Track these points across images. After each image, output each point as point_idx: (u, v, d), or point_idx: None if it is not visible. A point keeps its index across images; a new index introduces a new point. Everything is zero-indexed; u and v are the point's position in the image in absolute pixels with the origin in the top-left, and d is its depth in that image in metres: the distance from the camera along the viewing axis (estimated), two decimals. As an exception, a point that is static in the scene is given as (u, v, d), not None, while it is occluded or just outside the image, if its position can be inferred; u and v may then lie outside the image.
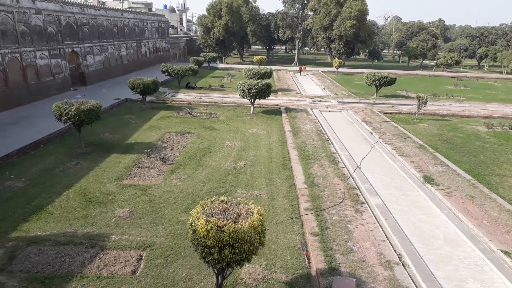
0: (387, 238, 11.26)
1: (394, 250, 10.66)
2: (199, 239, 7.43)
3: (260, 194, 14.15)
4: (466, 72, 72.72)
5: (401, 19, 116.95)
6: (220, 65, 67.60)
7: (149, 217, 12.33)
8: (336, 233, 11.37)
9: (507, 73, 61.98)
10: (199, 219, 7.53)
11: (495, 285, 9.58)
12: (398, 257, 10.32)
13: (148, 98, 30.15)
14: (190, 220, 7.77)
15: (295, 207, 13.15)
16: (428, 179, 15.83)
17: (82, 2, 39.79)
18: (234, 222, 7.58)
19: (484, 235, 11.53)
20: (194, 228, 7.59)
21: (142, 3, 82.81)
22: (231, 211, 7.96)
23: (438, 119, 28.49)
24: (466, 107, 33.36)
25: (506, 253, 10.58)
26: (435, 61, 76.13)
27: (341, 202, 13.56)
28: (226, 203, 8.27)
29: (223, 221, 7.50)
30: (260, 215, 7.93)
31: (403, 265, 10.02)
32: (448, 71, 68.79)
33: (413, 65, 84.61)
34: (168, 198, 13.68)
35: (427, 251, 10.91)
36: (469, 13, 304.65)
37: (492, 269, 10.12)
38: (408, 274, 9.68)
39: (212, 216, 7.64)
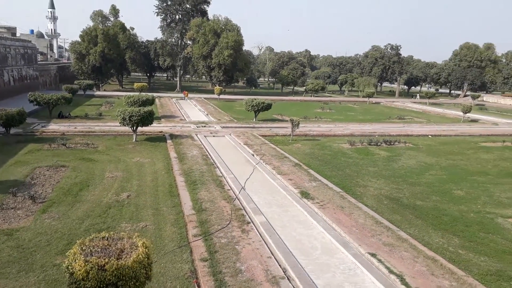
0: (272, 254, 11.88)
1: (279, 265, 11.28)
2: (78, 282, 6.87)
3: (146, 226, 13.65)
4: (331, 96, 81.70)
5: (273, 49, 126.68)
6: (98, 93, 63.95)
7: (17, 264, 10.88)
8: (225, 256, 11.57)
9: (363, 96, 71.53)
10: (77, 260, 6.98)
11: (366, 285, 10.78)
12: (283, 271, 10.94)
13: (13, 130, 26.91)
14: (66, 262, 7.15)
15: (183, 235, 13.01)
16: (305, 194, 17.23)
17: None
18: (117, 259, 7.22)
19: (354, 241, 12.97)
20: (71, 271, 6.99)
21: (4, 27, 74.33)
22: (114, 247, 7.56)
23: (310, 139, 31.33)
24: (332, 127, 37.43)
25: (372, 255, 12.02)
26: (304, 87, 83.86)
27: (228, 224, 13.87)
28: (107, 239, 7.83)
29: (105, 259, 7.08)
30: (146, 247, 7.70)
31: (288, 278, 10.64)
32: (316, 96, 76.42)
33: (286, 91, 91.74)
34: (40, 241, 12.26)
35: (308, 262, 11.80)
36: (330, 45, 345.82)
37: (363, 271, 11.38)
38: (293, 286, 10.33)
39: (92, 255, 7.15)
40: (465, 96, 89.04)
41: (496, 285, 10.70)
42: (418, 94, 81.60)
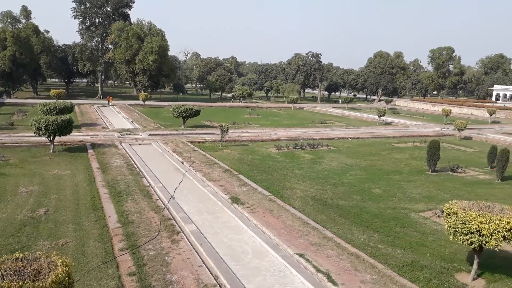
0: (204, 263, 11.77)
1: (211, 273, 11.21)
2: (-12, 310, 6.21)
3: (67, 243, 12.75)
4: (258, 102, 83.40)
5: (200, 55, 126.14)
6: (8, 100, 58.50)
7: None
8: (154, 268, 11.21)
9: (288, 102, 74.13)
10: (-14, 286, 6.31)
11: (296, 285, 11.13)
12: (215, 279, 10.90)
13: None
14: (-27, 289, 6.42)
15: (108, 250, 12.36)
16: (235, 200, 17.36)
17: None
18: (33, 281, 6.64)
19: (283, 242, 13.34)
20: (-21, 298, 6.30)
21: None
22: (29, 269, 6.95)
23: (239, 145, 31.67)
24: (260, 133, 38.22)
25: (301, 255, 12.46)
26: (232, 94, 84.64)
27: (157, 235, 13.48)
28: (21, 260, 7.18)
29: (19, 282, 6.48)
30: (66, 266, 7.19)
31: (219, 286, 10.62)
32: (244, 102, 77.50)
33: (214, 97, 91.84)
34: None
35: (239, 267, 11.89)
36: (255, 52, 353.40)
37: (292, 272, 11.73)
38: (225, 292, 10.33)
39: (3, 279, 6.51)
40: (379, 100, 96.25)
41: (411, 274, 11.67)
42: (340, 100, 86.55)
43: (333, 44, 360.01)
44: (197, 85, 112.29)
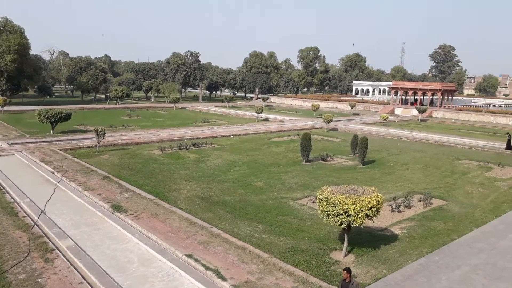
0: (84, 279, 10.92)
1: (94, 288, 10.48)
2: None
3: None
4: (137, 103, 79.97)
5: (68, 54, 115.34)
6: None
7: None
8: (25, 294, 10.01)
9: (170, 102, 72.70)
10: None
11: (185, 287, 11.07)
12: (99, 294, 10.22)
13: None
14: None
15: (-37, 282, 10.60)
16: (117, 208, 16.45)
17: None
18: None
19: (171, 245, 13.13)
20: None
21: None
22: None
23: (119, 149, 30.00)
24: (141, 135, 36.78)
25: (189, 256, 12.43)
26: (108, 94, 79.47)
27: (26, 256, 12.02)
28: None
29: None
30: None
31: (104, 299, 10.00)
32: (121, 103, 73.46)
33: (87, 99, 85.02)
34: None
35: (125, 278, 11.34)
36: (131, 50, 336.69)
37: (181, 274, 11.63)
38: (111, 306, 9.76)
39: None
40: (257, 98, 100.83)
41: (293, 259, 12.59)
42: (226, 99, 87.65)
43: (211, 43, 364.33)
44: (67, 87, 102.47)
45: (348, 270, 9.33)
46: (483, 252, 13.50)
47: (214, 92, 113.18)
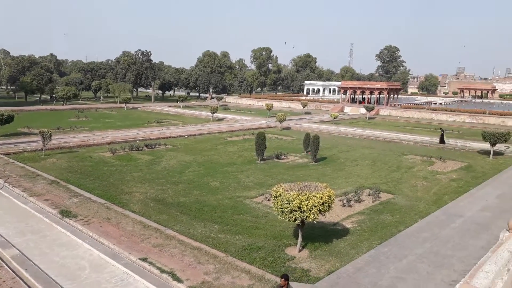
0: (32, 289, 10.42)
1: (42, 298, 10.01)
2: None
3: None
4: (86, 104, 76.72)
5: (9, 52, 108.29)
6: None
7: None
8: (-35, 309, 9.37)
9: (120, 102, 70.47)
10: None
11: (140, 290, 10.89)
12: (48, 304, 9.79)
13: None
14: None
15: None
16: (66, 213, 15.77)
17: None
18: None
19: (124, 250, 12.81)
20: None
21: None
22: None
23: (66, 152, 28.70)
24: (91, 137, 35.38)
25: (143, 259, 12.20)
26: (54, 95, 75.61)
27: (-35, 269, 11.23)
28: None
29: None
30: None
31: (54, 309, 9.59)
32: (69, 104, 70.19)
33: (31, 100, 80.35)
34: None
35: (76, 286, 10.94)
36: (78, 50, 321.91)
37: (135, 278, 11.40)
38: (61, 316, 9.39)
39: None
40: (211, 98, 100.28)
41: (249, 257, 12.73)
42: (178, 99, 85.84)
43: (163, 42, 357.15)
44: (9, 87, 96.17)
45: (285, 277, 8.77)
46: (427, 242, 14.38)
47: (167, 91, 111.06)
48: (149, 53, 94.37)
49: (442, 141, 37.06)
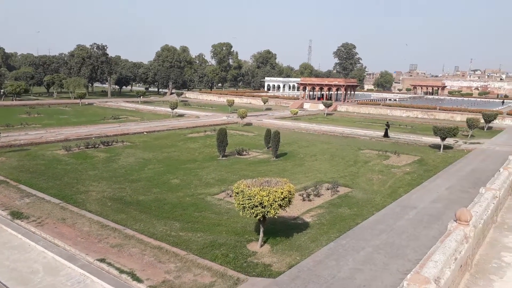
0: (-21, 296, 9.84)
1: (-9, 305, 9.49)
2: None
3: None
4: (38, 99, 72.97)
5: None
6: None
7: None
8: None
9: (75, 98, 67.68)
10: None
11: (99, 291, 10.58)
12: (-3, 311, 9.29)
13: None
14: None
15: None
16: (17, 215, 15.01)
17: None
18: None
19: (81, 251, 12.38)
20: None
21: None
22: None
23: (17, 150, 27.23)
24: (43, 134, 33.75)
25: (102, 260, 11.85)
26: (2, 90, 71.30)
27: None
28: None
29: None
30: None
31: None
32: (19, 100, 66.52)
33: (-24, 94, 75.30)
34: None
35: (29, 290, 10.45)
36: (29, 43, 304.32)
37: (93, 280, 11.06)
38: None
39: None
40: (171, 93, 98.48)
41: (211, 254, 12.70)
42: (136, 94, 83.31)
43: (119, 36, 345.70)
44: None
45: None
46: (383, 233, 14.97)
47: (124, 87, 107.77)
48: (105, 47, 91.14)
49: (386, 135, 38.55)
